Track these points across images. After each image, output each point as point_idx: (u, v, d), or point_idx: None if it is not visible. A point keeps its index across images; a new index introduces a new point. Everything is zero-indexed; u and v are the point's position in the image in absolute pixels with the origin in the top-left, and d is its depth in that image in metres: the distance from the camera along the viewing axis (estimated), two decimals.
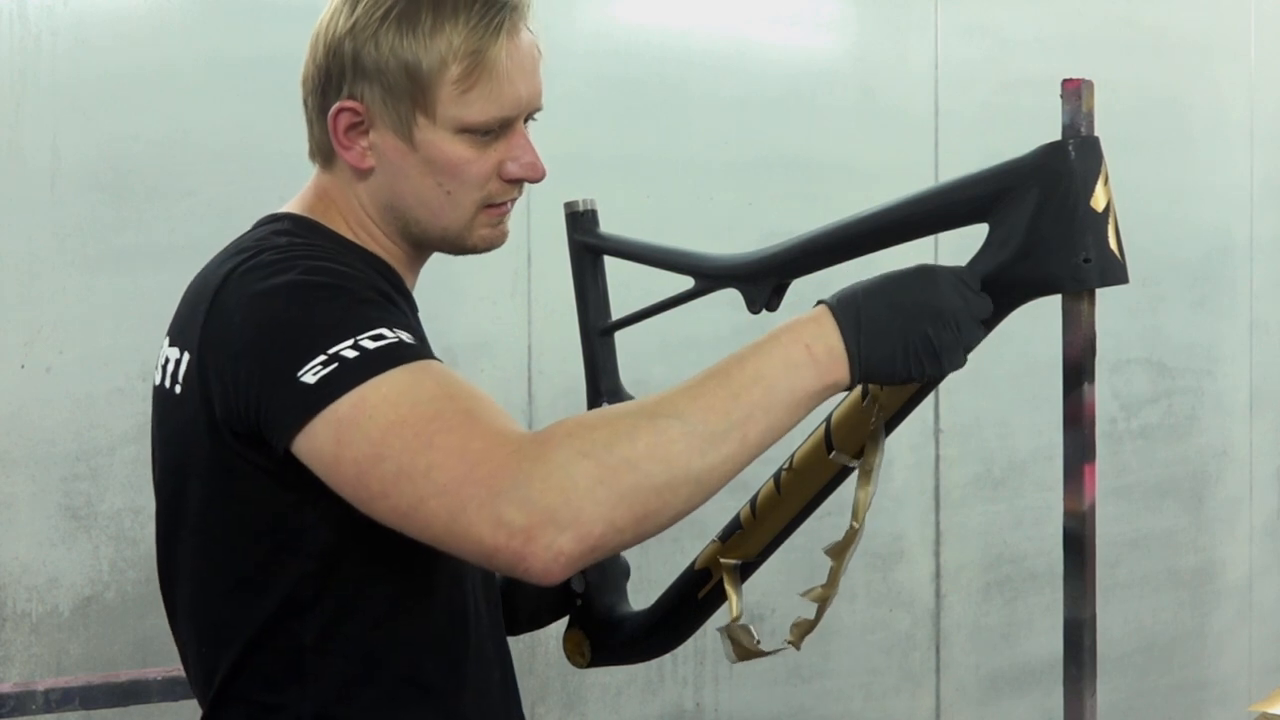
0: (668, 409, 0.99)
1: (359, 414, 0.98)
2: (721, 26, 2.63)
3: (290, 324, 1.03)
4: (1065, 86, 1.10)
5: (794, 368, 1.03)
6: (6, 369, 2.07)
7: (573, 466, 0.94)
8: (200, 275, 1.17)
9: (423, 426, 0.97)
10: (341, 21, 1.15)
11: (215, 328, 1.08)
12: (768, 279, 1.34)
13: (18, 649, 2.10)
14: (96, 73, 2.10)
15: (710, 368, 1.04)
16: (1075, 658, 1.13)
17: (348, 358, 0.99)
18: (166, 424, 1.17)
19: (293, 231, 1.16)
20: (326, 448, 0.99)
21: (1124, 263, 1.10)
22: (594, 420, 0.99)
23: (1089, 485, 1.13)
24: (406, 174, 1.16)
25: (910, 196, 1.22)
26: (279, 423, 1.02)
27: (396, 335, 1.02)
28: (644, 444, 0.96)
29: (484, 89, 1.14)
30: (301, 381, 0.99)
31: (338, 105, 1.15)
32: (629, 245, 1.55)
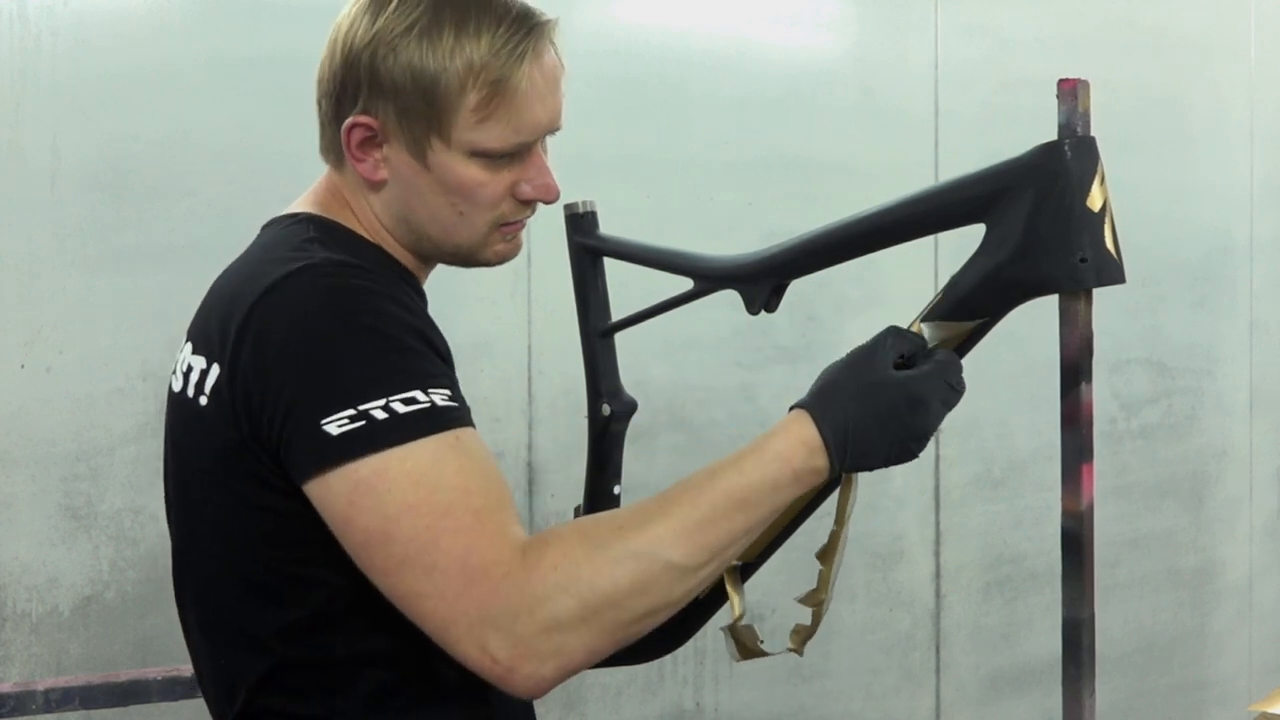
0: (653, 543, 1.01)
1: (379, 483, 0.99)
2: (721, 26, 2.63)
3: (325, 369, 1.02)
4: (1061, 86, 1.10)
5: (778, 490, 1.07)
6: (6, 369, 2.07)
7: (559, 605, 0.97)
8: (229, 281, 1.14)
9: (434, 520, 0.98)
10: (361, 32, 1.12)
11: (251, 351, 1.05)
12: (767, 280, 1.34)
13: (18, 649, 2.10)
14: (96, 73, 2.10)
15: (698, 482, 1.05)
16: (1074, 657, 1.14)
17: (376, 419, 0.99)
18: (188, 433, 1.14)
19: (323, 240, 1.14)
20: (339, 505, 1.01)
21: (1120, 262, 1.10)
22: (580, 553, 0.99)
23: (1087, 485, 1.13)
24: (419, 191, 1.15)
25: (908, 197, 1.22)
26: (296, 463, 1.02)
27: (429, 399, 1.02)
28: (627, 583, 0.99)
29: (502, 116, 1.12)
30: (324, 431, 1.00)
31: (352, 120, 1.13)
32: (628, 247, 1.55)
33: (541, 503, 2.47)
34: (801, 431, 1.07)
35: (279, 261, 1.09)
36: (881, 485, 2.80)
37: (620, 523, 1.03)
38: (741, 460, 1.06)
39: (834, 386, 1.10)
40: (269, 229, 1.20)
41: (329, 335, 1.03)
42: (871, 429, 1.07)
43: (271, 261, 1.10)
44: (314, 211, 1.19)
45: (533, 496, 2.46)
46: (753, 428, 2.65)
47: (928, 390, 1.09)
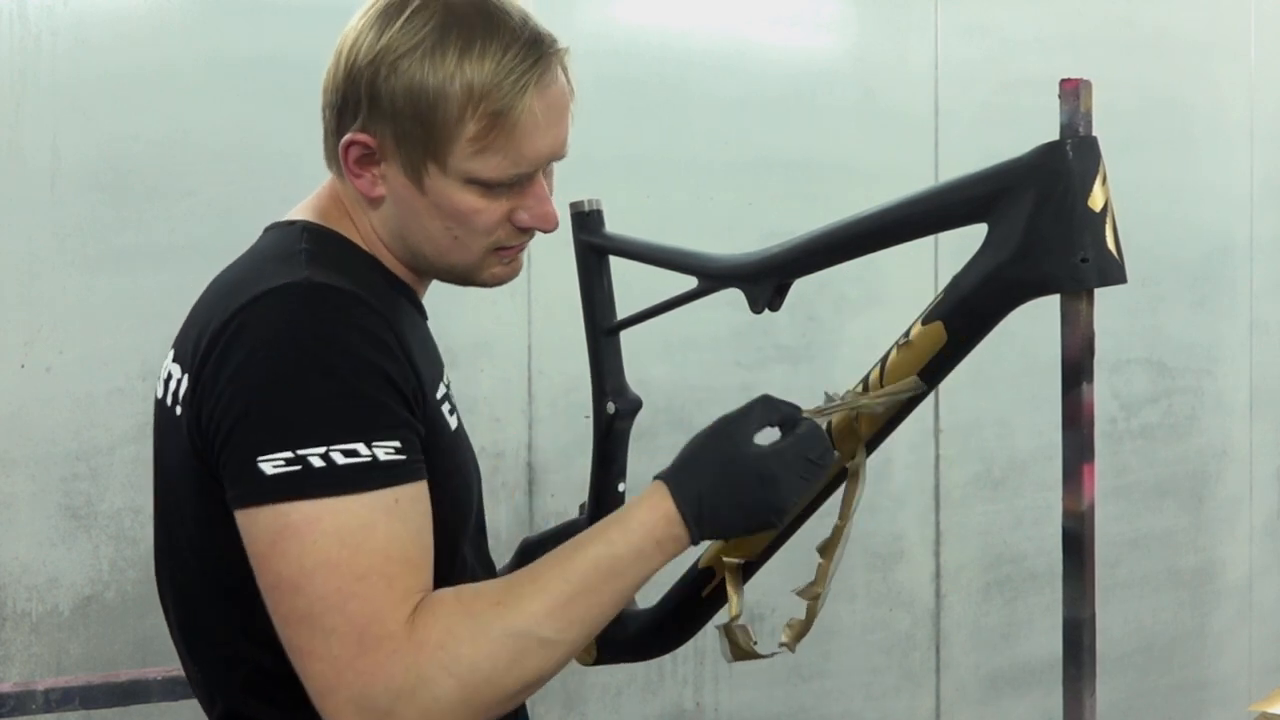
0: (528, 621, 1.02)
1: (306, 532, 0.98)
2: (721, 27, 2.63)
3: (272, 403, 1.00)
4: (1063, 86, 1.10)
5: (644, 560, 1.08)
6: (6, 369, 2.07)
7: (438, 686, 0.98)
8: (214, 291, 1.13)
9: (347, 583, 0.98)
10: (365, 48, 1.10)
11: (213, 367, 1.04)
12: (770, 279, 1.35)
13: (18, 649, 2.10)
14: (96, 73, 2.10)
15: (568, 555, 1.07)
16: (1074, 657, 1.14)
17: (312, 465, 0.98)
18: (166, 441, 1.14)
19: (314, 253, 1.11)
20: (260, 542, 1.00)
21: (1122, 262, 1.10)
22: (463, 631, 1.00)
23: (1088, 485, 1.13)
24: (415, 212, 1.13)
25: (910, 196, 1.22)
26: (229, 489, 1.02)
27: (371, 453, 1.00)
28: (504, 662, 1.01)
29: (500, 147, 1.10)
30: (259, 468, 0.98)
31: (350, 137, 1.11)
32: (634, 245, 1.55)
33: (541, 503, 2.46)
34: (660, 503, 1.10)
35: (262, 276, 1.07)
36: (881, 485, 2.80)
37: (498, 598, 1.03)
38: (608, 531, 1.09)
39: (693, 459, 1.13)
40: (268, 234, 1.19)
41: (284, 369, 1.00)
42: (725, 501, 1.10)
43: (256, 275, 1.08)
44: (312, 220, 1.17)
45: (533, 496, 2.46)
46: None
47: (781, 466, 1.12)
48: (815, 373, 2.67)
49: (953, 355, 1.20)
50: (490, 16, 1.10)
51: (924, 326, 1.20)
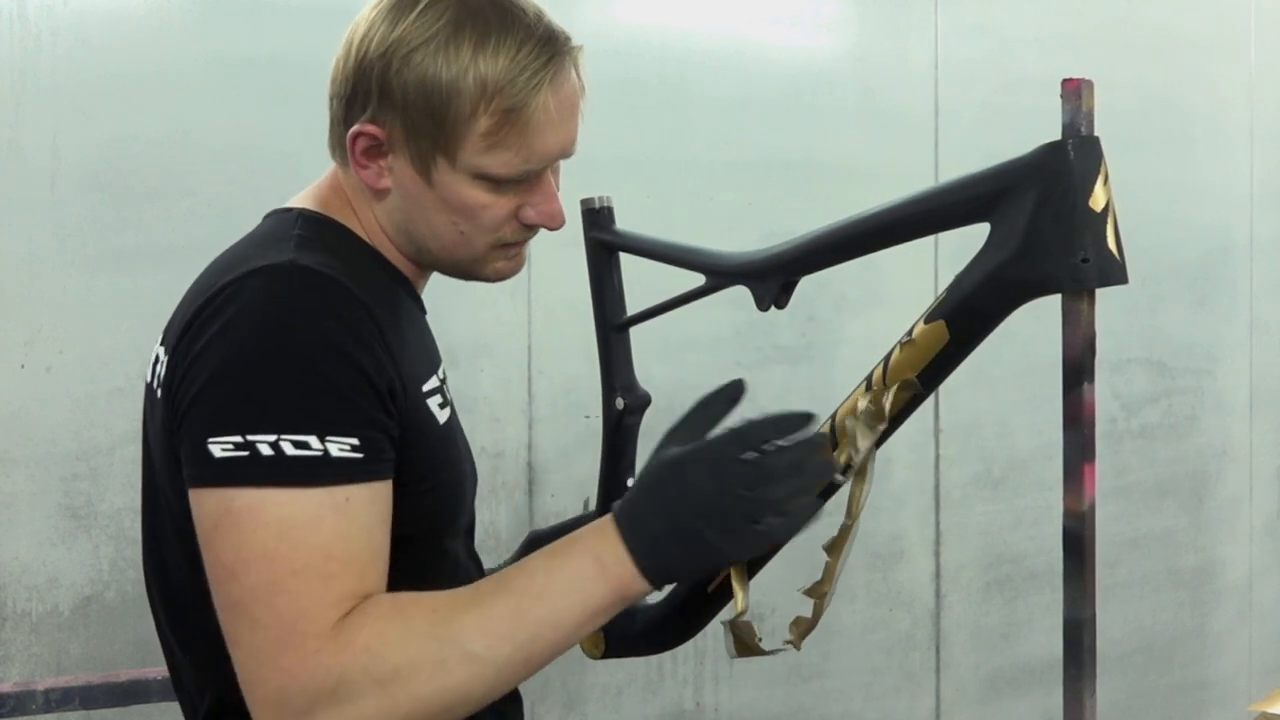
0: (459, 636, 0.98)
1: (247, 520, 0.96)
2: (721, 26, 2.63)
3: (230, 385, 0.98)
4: (1065, 86, 1.10)
5: (585, 581, 1.02)
6: (6, 369, 2.07)
7: (359, 689, 0.95)
8: (204, 273, 1.13)
9: (280, 578, 0.96)
10: (378, 39, 1.09)
11: (187, 342, 1.03)
12: (776, 277, 1.36)
13: (18, 649, 2.10)
14: (96, 73, 2.10)
15: (511, 574, 1.03)
16: (1075, 657, 1.13)
17: (259, 453, 0.96)
18: (150, 425, 1.13)
19: (306, 238, 1.09)
20: (204, 523, 0.99)
21: (1123, 263, 1.10)
22: (394, 637, 0.96)
23: (1089, 485, 1.13)
24: (421, 206, 1.13)
25: (912, 196, 1.22)
26: (185, 468, 1.01)
27: (323, 447, 0.97)
28: (427, 672, 0.97)
29: (512, 144, 1.09)
30: (208, 449, 0.97)
31: (358, 128, 1.10)
32: (644, 242, 1.56)
33: (542, 503, 2.46)
34: (602, 525, 1.04)
35: (248, 259, 1.06)
36: (882, 485, 2.80)
37: (434, 606, 1.00)
38: (555, 548, 1.04)
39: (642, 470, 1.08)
40: (266, 220, 1.18)
41: (247, 351, 0.99)
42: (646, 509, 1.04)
43: (244, 257, 1.08)
44: (311, 207, 1.16)
45: (533, 496, 2.46)
46: None
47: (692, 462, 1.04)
48: (815, 373, 2.67)
49: (955, 355, 1.20)
50: (505, 12, 1.10)
51: (926, 325, 1.20)
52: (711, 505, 1.03)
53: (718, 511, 1.03)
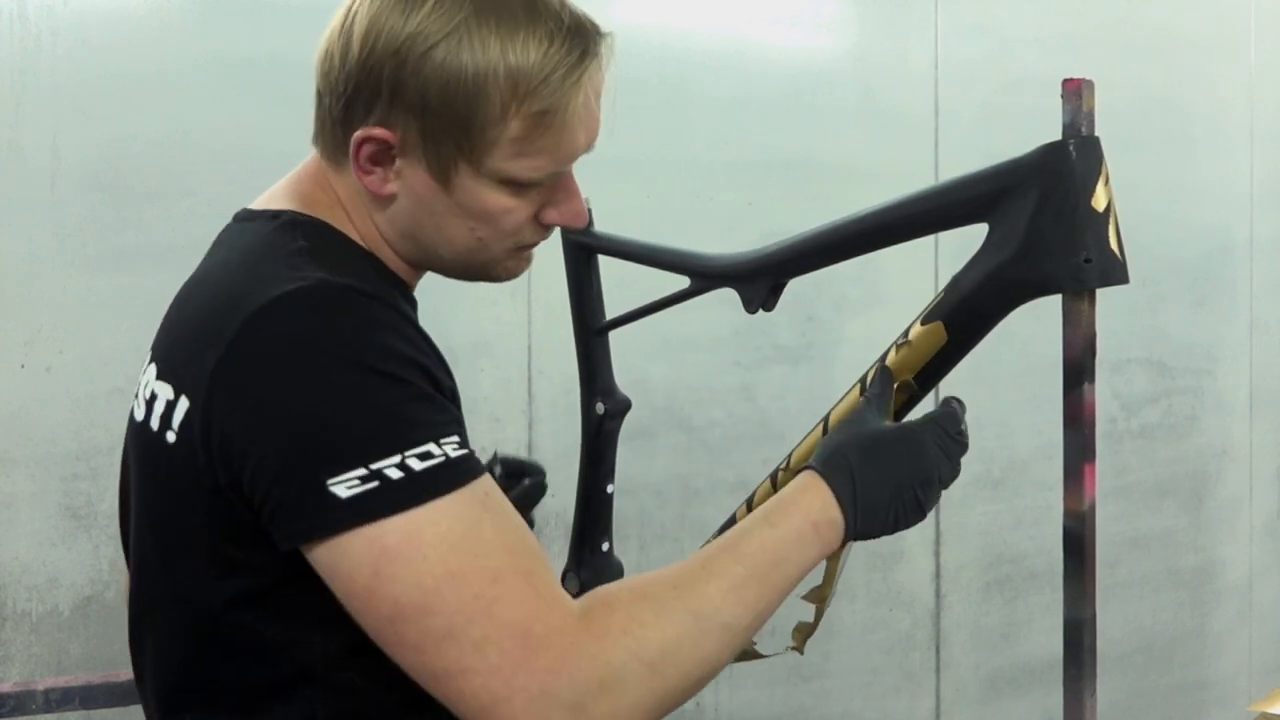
0: (710, 607, 0.98)
1: (410, 550, 0.89)
2: (721, 26, 2.62)
3: (327, 421, 0.91)
4: (1066, 86, 1.10)
5: (805, 546, 1.05)
6: (6, 369, 2.07)
7: (628, 674, 0.92)
8: (203, 295, 1.02)
9: (483, 589, 0.90)
10: (387, 34, 0.99)
11: (234, 393, 0.93)
12: (764, 279, 1.35)
13: (18, 649, 2.10)
14: (96, 73, 2.10)
15: (734, 541, 1.03)
16: (1075, 657, 1.13)
17: (391, 478, 0.89)
18: (153, 472, 1.02)
19: (315, 251, 1.01)
20: (358, 574, 0.90)
21: (1124, 263, 1.10)
22: (647, 615, 0.95)
23: (1089, 485, 1.13)
24: (434, 212, 1.04)
25: (909, 196, 1.22)
26: (293, 526, 0.92)
27: (443, 452, 0.92)
28: (689, 646, 0.96)
29: (544, 148, 1.02)
30: (331, 493, 0.89)
31: (365, 133, 1.01)
32: (624, 244, 1.55)
33: (542, 502, 2.46)
34: (812, 486, 1.08)
35: (264, 280, 0.97)
36: None
37: (674, 582, 0.99)
38: (769, 516, 1.05)
39: (836, 446, 1.11)
40: (246, 226, 1.09)
41: (328, 381, 0.91)
42: (874, 476, 1.08)
43: (255, 279, 0.98)
44: (299, 210, 1.06)
45: None
46: (752, 427, 2.65)
47: (923, 434, 1.12)
48: (814, 373, 2.67)
49: (952, 355, 1.20)
50: (530, 1, 1.01)
51: (924, 326, 1.20)
52: (932, 474, 1.11)
53: (936, 480, 1.11)
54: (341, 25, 1.03)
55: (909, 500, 1.09)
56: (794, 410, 2.61)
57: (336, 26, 1.03)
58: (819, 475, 1.08)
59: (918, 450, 1.11)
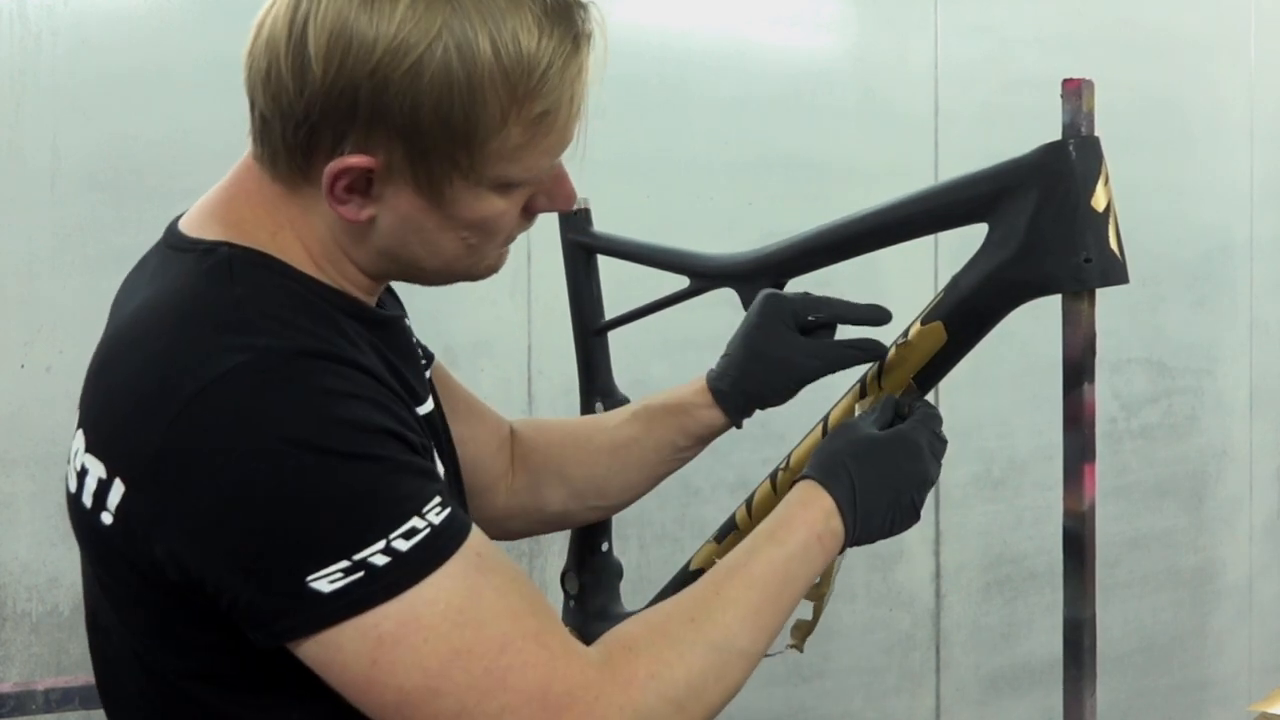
0: (729, 636, 0.98)
1: (410, 635, 0.83)
2: (721, 26, 2.62)
3: (296, 519, 0.82)
4: (1065, 86, 1.10)
5: (811, 560, 1.07)
6: (6, 369, 2.07)
7: (659, 715, 0.91)
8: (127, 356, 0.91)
9: (493, 660, 0.85)
10: (357, 46, 0.85)
11: (177, 487, 0.84)
12: (763, 279, 1.35)
13: (18, 649, 2.10)
14: (96, 73, 2.10)
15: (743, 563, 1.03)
16: (1075, 657, 1.13)
17: (377, 566, 0.83)
18: (92, 549, 0.93)
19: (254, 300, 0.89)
20: (355, 666, 0.84)
21: (1124, 262, 1.10)
22: (670, 655, 0.93)
23: (1089, 485, 1.13)
24: (420, 229, 0.94)
25: (908, 196, 1.22)
26: (271, 626, 0.85)
27: (428, 522, 0.85)
28: (713, 678, 0.95)
29: (541, 146, 0.93)
30: (312, 589, 0.82)
31: (341, 164, 0.89)
32: (622, 244, 1.55)
33: None
34: (815, 497, 1.09)
35: (198, 349, 0.85)
36: None
37: (690, 614, 0.98)
38: (775, 533, 1.06)
39: (830, 454, 1.11)
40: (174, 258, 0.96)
41: (291, 473, 0.82)
42: (874, 481, 1.10)
43: (187, 346, 0.86)
44: (234, 240, 0.94)
45: None
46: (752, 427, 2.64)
47: (916, 437, 1.14)
48: None
49: (952, 355, 1.20)
50: None
51: (923, 326, 1.20)
52: (927, 476, 1.14)
53: (929, 483, 1.14)
54: (289, 36, 0.88)
55: (906, 504, 1.11)
56: (794, 410, 2.60)
57: (281, 36, 0.89)
58: (819, 485, 1.09)
59: (914, 453, 1.13)
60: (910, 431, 1.14)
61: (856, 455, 1.11)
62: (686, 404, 1.31)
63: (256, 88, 0.91)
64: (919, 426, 1.15)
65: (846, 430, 1.15)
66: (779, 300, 1.26)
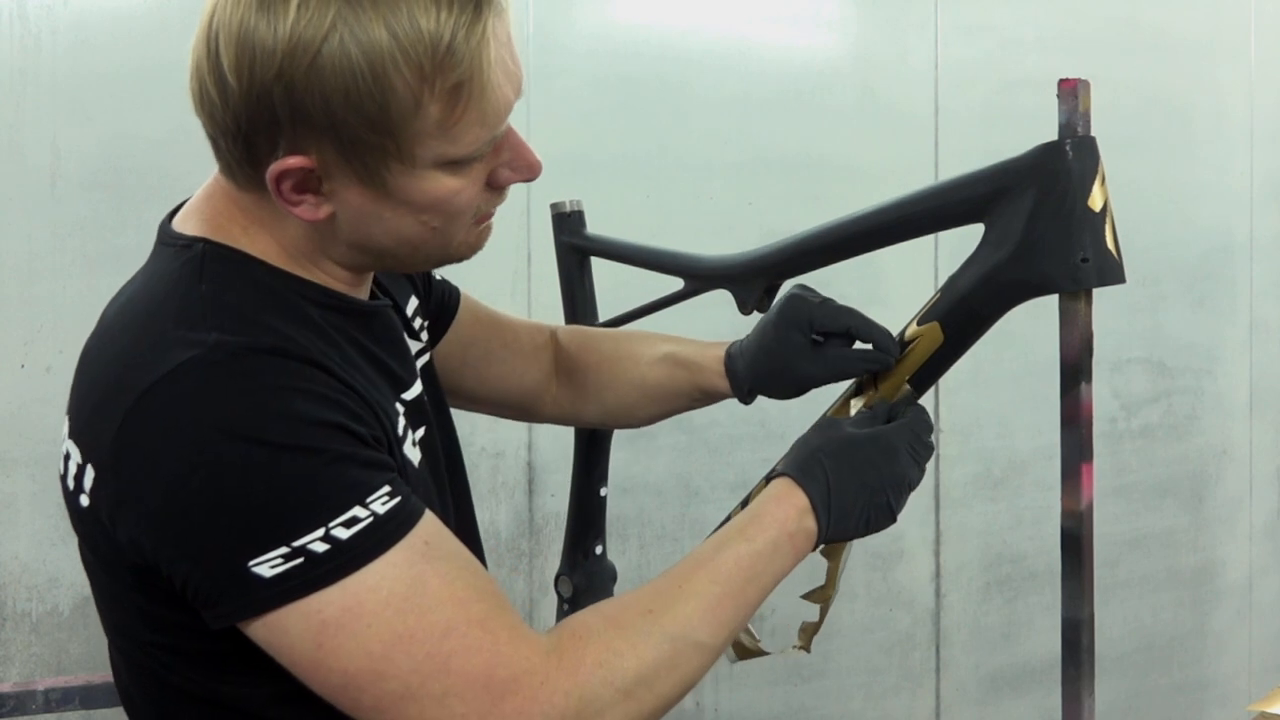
0: (686, 629, 0.98)
1: (353, 620, 0.86)
2: (721, 26, 2.62)
3: (240, 504, 0.86)
4: (1062, 86, 1.10)
5: (780, 558, 1.07)
6: (6, 369, 2.07)
7: (603, 704, 0.92)
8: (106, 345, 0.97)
9: (436, 645, 0.88)
10: (262, 54, 0.87)
11: (135, 478, 0.88)
12: (759, 280, 1.35)
13: (18, 649, 2.10)
14: (96, 72, 2.10)
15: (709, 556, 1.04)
16: (1073, 657, 1.14)
17: (316, 553, 0.86)
18: (77, 526, 0.98)
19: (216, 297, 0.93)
20: (301, 648, 0.88)
21: (1121, 262, 1.10)
22: (621, 644, 0.94)
23: (1086, 485, 1.13)
24: (379, 219, 0.96)
25: (905, 196, 1.22)
26: (219, 608, 0.88)
27: (370, 511, 0.88)
28: (665, 668, 0.96)
29: (472, 118, 0.92)
30: (254, 573, 0.85)
31: (279, 167, 0.91)
32: (617, 246, 1.55)
33: (542, 502, 2.46)
34: (788, 494, 1.09)
35: (157, 343, 0.90)
36: None
37: (647, 605, 0.99)
38: (745, 529, 1.06)
39: (808, 450, 1.12)
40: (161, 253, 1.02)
41: (234, 461, 0.85)
42: (849, 481, 1.10)
43: (150, 340, 0.91)
44: (211, 236, 0.98)
45: (533, 496, 2.46)
46: (752, 427, 2.65)
47: (896, 438, 1.13)
48: None
49: (950, 355, 1.20)
50: None
51: (920, 327, 1.20)
52: (904, 479, 1.12)
53: (907, 485, 1.12)
54: (208, 56, 0.91)
55: (881, 505, 1.11)
56: (794, 410, 2.60)
57: (203, 58, 0.91)
58: (794, 482, 1.09)
59: (891, 454, 1.12)
60: (891, 433, 1.14)
61: (834, 453, 1.11)
62: (706, 368, 1.37)
63: (197, 110, 0.95)
64: (902, 428, 1.14)
65: (826, 428, 1.15)
66: (798, 303, 1.27)
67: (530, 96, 2.33)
